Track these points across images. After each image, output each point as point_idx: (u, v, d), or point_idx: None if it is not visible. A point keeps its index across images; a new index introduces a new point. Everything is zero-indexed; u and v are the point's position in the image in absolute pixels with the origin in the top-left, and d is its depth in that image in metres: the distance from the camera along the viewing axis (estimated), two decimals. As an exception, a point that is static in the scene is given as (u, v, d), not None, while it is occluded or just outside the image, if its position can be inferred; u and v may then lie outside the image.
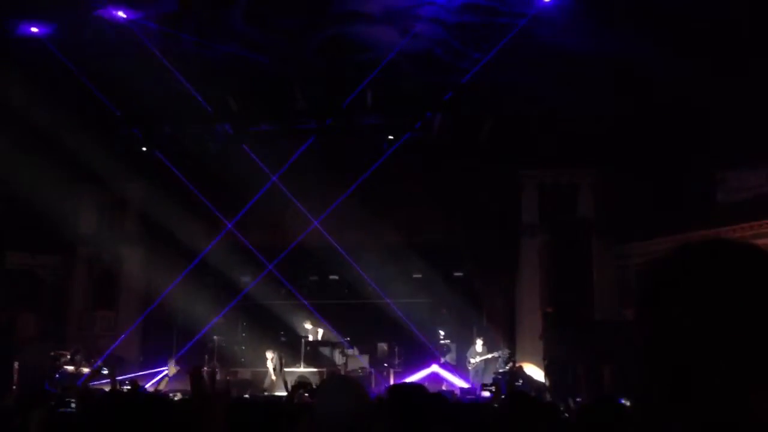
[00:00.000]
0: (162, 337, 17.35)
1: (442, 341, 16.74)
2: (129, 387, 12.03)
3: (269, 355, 15.64)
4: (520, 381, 13.61)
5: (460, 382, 15.24)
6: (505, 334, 16.36)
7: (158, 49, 14.01)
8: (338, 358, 16.04)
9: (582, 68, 13.07)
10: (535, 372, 14.68)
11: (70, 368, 14.66)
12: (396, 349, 16.01)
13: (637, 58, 12.60)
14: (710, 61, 12.27)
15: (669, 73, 12.53)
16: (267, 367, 15.66)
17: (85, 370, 14.77)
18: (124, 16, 13.46)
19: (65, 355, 14.94)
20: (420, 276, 17.11)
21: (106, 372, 14.15)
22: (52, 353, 15.11)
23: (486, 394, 12.98)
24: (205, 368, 15.45)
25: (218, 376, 16.06)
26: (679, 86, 12.79)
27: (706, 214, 14.51)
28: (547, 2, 12.58)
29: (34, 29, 13.59)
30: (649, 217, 15.36)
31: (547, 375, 13.76)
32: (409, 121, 15.91)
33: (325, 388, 2.78)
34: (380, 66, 14.28)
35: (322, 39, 13.94)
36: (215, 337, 16.76)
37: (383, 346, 16.50)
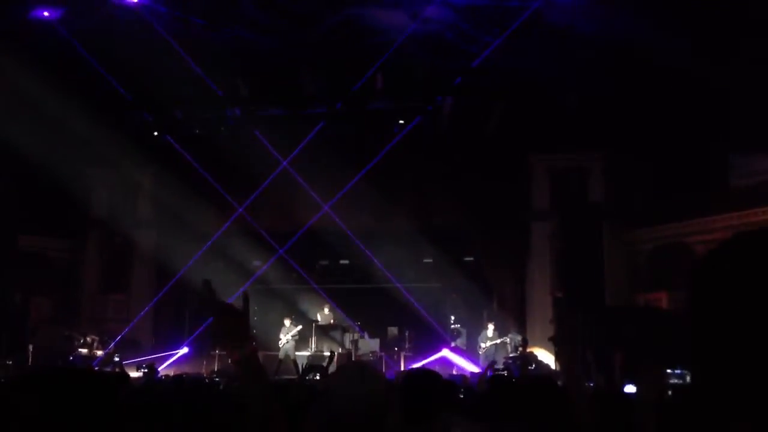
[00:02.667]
0: (175, 320, 17.48)
1: (452, 326, 16.77)
2: (146, 370, 12.17)
3: (287, 323, 15.70)
4: (533, 365, 13.65)
5: (470, 367, 15.28)
6: (515, 319, 16.38)
7: (168, 34, 14.02)
8: (348, 342, 16.10)
9: (594, 52, 12.97)
10: (546, 357, 14.71)
11: (84, 351, 14.82)
12: (406, 334, 16.04)
13: (650, 41, 12.49)
14: (724, 45, 12.15)
15: (682, 57, 12.42)
16: (280, 339, 15.69)
17: (99, 352, 14.93)
18: (135, 0, 13.47)
19: (78, 338, 15.09)
20: (430, 261, 17.11)
21: (117, 359, 14.32)
22: (66, 334, 15.28)
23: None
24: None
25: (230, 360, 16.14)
26: (692, 71, 12.68)
27: (719, 198, 14.42)
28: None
29: (45, 13, 13.63)
30: (661, 201, 15.29)
31: (557, 360, 13.77)
32: (420, 105, 15.86)
33: (342, 374, 2.79)
34: (390, 50, 14.22)
35: (332, 23, 13.89)
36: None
37: (394, 331, 16.55)
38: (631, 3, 12.23)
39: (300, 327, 15.76)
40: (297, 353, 15.64)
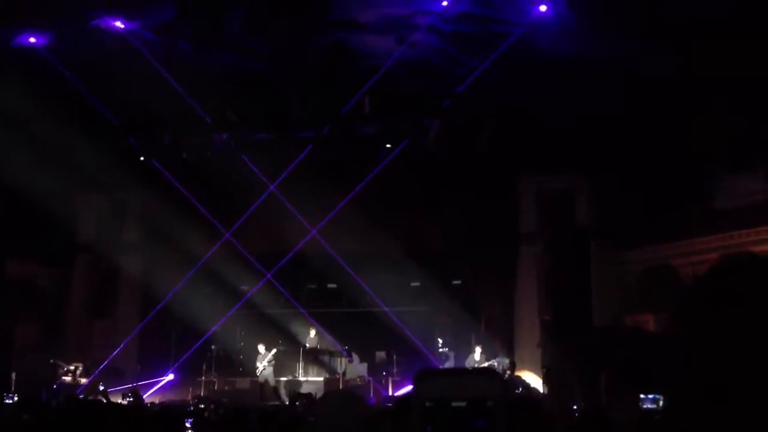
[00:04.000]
0: (160, 346, 17.30)
1: (440, 349, 16.69)
2: (131, 398, 12.02)
3: (261, 349, 15.55)
4: (520, 389, 13.58)
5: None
6: (503, 342, 16.33)
7: (156, 58, 14.05)
8: (337, 367, 15.99)
9: (579, 75, 13.09)
10: (533, 380, 14.65)
11: (68, 379, 14.63)
12: (394, 358, 15.96)
13: (635, 64, 12.64)
14: (709, 67, 12.30)
15: (668, 78, 12.56)
16: (258, 366, 15.51)
17: (83, 380, 14.75)
18: (122, 26, 13.51)
19: (63, 366, 14.91)
20: (418, 284, 17.07)
21: (102, 388, 14.14)
22: (51, 361, 15.09)
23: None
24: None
25: (216, 386, 16.01)
26: (678, 92, 12.82)
27: (706, 220, 14.50)
28: (543, 11, 12.64)
29: (32, 39, 13.64)
30: (648, 223, 15.35)
31: (545, 383, 13.72)
32: (407, 128, 15.92)
33: (327, 403, 2.78)
34: (378, 74, 14.31)
35: (320, 47, 13.99)
36: (213, 346, 16.72)
37: (381, 355, 16.45)
38: (614, 28, 12.37)
39: (274, 351, 15.62)
40: (282, 379, 15.50)
